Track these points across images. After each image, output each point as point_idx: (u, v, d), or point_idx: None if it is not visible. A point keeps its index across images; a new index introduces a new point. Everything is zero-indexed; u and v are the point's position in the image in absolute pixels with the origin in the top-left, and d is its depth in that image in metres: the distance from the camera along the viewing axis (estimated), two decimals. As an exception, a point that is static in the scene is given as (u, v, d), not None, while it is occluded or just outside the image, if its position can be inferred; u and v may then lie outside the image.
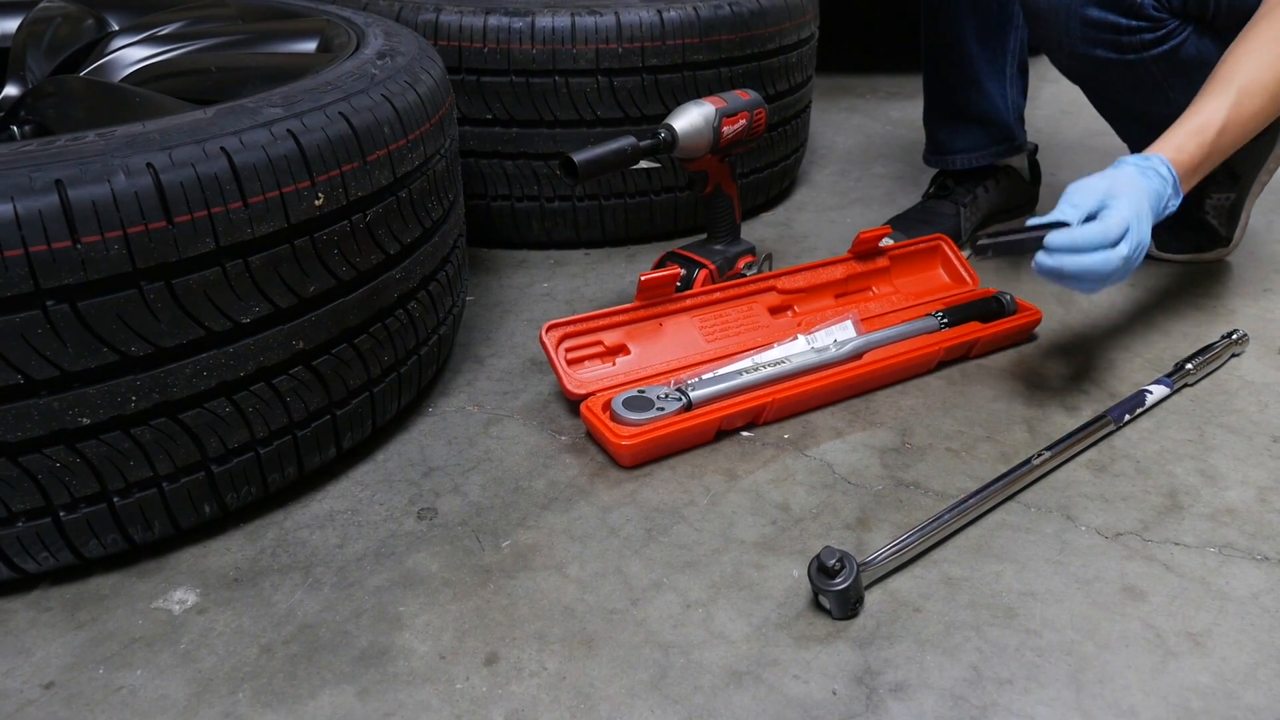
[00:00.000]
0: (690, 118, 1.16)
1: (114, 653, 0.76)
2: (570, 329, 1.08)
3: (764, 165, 1.62)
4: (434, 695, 0.73)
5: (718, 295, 1.17)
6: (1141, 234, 0.96)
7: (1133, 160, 1.01)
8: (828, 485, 0.96)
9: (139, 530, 0.82)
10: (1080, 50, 1.21)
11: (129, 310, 0.72)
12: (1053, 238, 0.95)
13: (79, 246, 0.68)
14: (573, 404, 1.07)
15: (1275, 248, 1.54)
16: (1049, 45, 1.25)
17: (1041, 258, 0.96)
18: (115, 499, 0.78)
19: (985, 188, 1.51)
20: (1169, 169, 1.01)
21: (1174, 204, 1.02)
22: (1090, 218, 0.97)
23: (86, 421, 0.73)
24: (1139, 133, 1.29)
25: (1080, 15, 1.17)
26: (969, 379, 1.16)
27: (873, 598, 0.82)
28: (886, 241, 1.29)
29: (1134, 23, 1.16)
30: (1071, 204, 0.98)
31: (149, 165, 0.70)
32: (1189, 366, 1.13)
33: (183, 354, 0.76)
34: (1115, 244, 0.94)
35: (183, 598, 0.81)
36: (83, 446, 0.74)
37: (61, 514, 0.77)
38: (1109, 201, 0.97)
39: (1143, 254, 0.97)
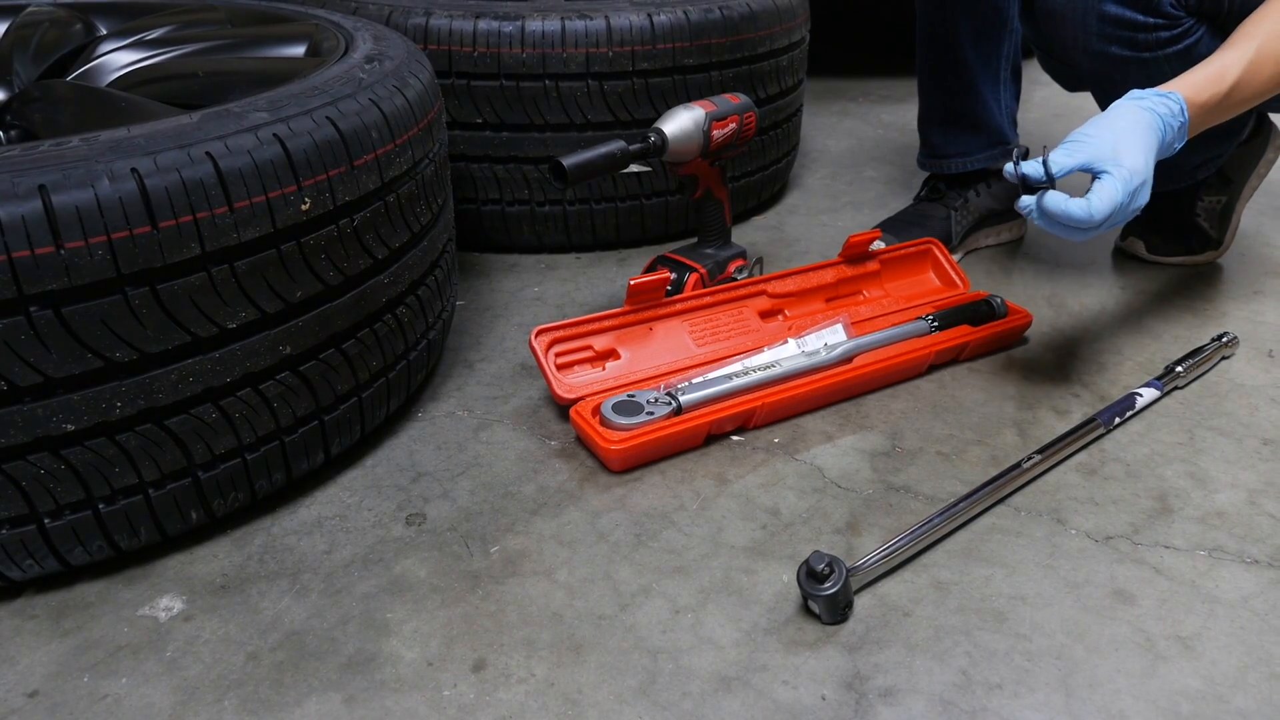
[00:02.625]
0: (680, 121, 1.15)
1: (99, 661, 0.75)
2: (560, 334, 1.07)
3: (755, 169, 1.62)
4: (421, 702, 0.72)
5: (708, 299, 1.17)
6: (1138, 199, 0.96)
7: (1151, 97, 0.99)
8: (818, 489, 0.96)
9: (125, 537, 0.81)
10: (1096, 47, 1.20)
11: (113, 316, 0.71)
12: (1049, 202, 0.95)
13: (63, 252, 0.68)
14: (562, 409, 1.06)
15: (1266, 250, 1.54)
16: (1064, 43, 1.25)
17: (1034, 214, 0.97)
18: (101, 506, 0.78)
19: (977, 191, 1.51)
20: (1183, 110, 1.00)
21: (1177, 146, 1.02)
22: (1088, 170, 0.96)
23: (71, 428, 0.73)
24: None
25: (1098, 11, 1.17)
26: (959, 382, 1.16)
27: (862, 602, 0.82)
28: (877, 245, 1.29)
29: (1152, 20, 1.16)
30: (1068, 154, 0.96)
31: (133, 170, 0.70)
32: (1179, 369, 1.13)
33: (168, 360, 0.76)
34: (1098, 224, 0.94)
35: (169, 605, 0.81)
36: (67, 453, 0.74)
37: (46, 521, 0.76)
38: (1108, 166, 0.95)
39: (1143, 201, 0.97)
